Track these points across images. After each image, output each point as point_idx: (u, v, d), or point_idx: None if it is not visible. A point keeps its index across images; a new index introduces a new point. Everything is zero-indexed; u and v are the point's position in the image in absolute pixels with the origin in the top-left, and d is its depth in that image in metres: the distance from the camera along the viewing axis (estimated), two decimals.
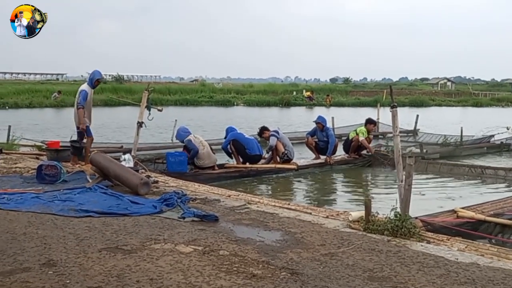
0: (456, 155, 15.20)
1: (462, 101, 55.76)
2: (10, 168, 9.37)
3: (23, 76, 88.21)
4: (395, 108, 6.41)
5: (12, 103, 38.11)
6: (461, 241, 5.40)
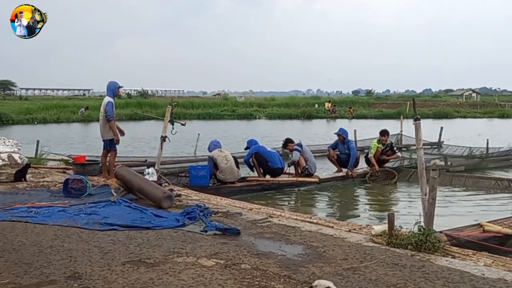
0: (482, 168, 14.93)
1: (488, 112, 54.86)
2: (38, 182, 9.58)
3: (51, 92, 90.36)
4: (418, 120, 6.37)
5: (41, 118, 39.00)
6: (487, 256, 5.30)
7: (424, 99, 74.02)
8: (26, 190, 8.74)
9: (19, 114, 39.04)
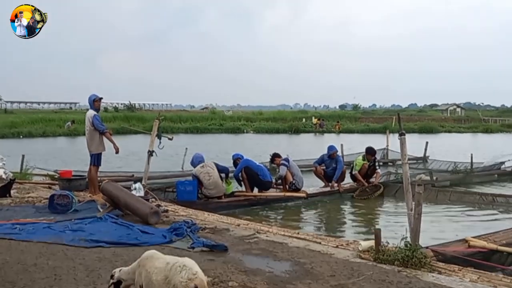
0: (467, 183, 15.08)
1: (472, 127, 55.46)
2: (23, 198, 9.47)
3: (37, 106, 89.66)
4: (403, 136, 6.43)
5: (26, 132, 38.60)
6: (473, 272, 5.34)
7: (410, 113, 74.81)
8: (11, 206, 8.64)
9: (4, 127, 38.60)
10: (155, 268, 3.52)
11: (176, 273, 3.36)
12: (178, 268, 3.38)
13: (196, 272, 3.37)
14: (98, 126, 9.90)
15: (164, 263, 3.52)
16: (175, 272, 3.37)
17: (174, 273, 3.38)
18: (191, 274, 3.33)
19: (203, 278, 3.39)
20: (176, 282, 3.32)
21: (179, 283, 3.30)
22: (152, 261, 3.60)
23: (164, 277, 3.42)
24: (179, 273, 3.34)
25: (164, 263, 3.52)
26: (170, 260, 3.54)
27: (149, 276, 3.52)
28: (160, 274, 3.45)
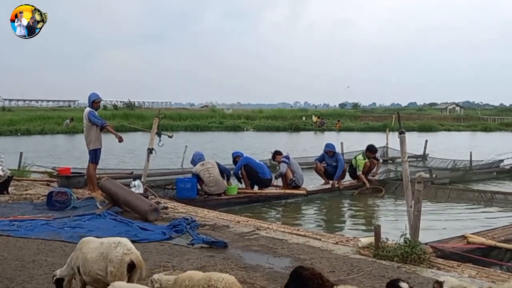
0: (466, 180, 15.08)
1: (471, 126, 55.46)
2: (20, 195, 9.45)
3: (36, 103, 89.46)
4: (403, 134, 6.43)
5: (24, 129, 38.53)
6: (471, 268, 5.35)
7: (409, 112, 74.75)
8: (9, 203, 8.62)
9: (2, 125, 38.50)
10: (90, 248, 3.76)
11: (112, 249, 3.62)
12: (113, 245, 3.65)
13: (130, 248, 3.67)
14: (95, 121, 9.89)
15: (99, 243, 3.78)
16: (110, 249, 3.63)
17: (109, 249, 3.63)
18: (126, 250, 3.62)
19: (137, 253, 3.69)
20: (112, 257, 3.57)
21: (115, 257, 3.57)
22: (88, 244, 3.83)
23: (99, 254, 3.66)
24: (115, 249, 3.61)
25: (99, 243, 3.78)
26: (104, 240, 3.80)
27: (85, 256, 3.74)
28: (95, 252, 3.70)
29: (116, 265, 3.57)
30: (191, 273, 3.64)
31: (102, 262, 3.63)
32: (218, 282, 3.37)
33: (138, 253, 3.70)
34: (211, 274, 3.54)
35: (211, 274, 3.53)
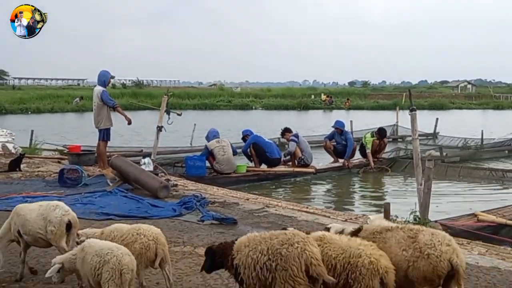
0: (477, 159, 15.00)
1: (483, 104, 54.87)
2: (32, 172, 9.56)
3: (45, 82, 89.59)
4: (414, 111, 6.39)
5: (34, 108, 38.75)
6: (481, 245, 5.35)
7: (420, 90, 73.98)
8: (21, 180, 8.72)
9: (12, 103, 38.75)
10: (29, 210, 4.13)
11: (51, 211, 4.03)
12: (52, 207, 4.07)
13: (68, 210, 4.10)
14: (108, 102, 9.87)
15: (37, 205, 4.17)
16: (49, 210, 4.04)
17: (48, 211, 4.04)
18: (64, 211, 4.05)
19: (74, 214, 4.12)
20: (52, 218, 3.99)
21: (54, 218, 3.98)
22: (24, 208, 4.18)
23: (39, 215, 4.03)
24: (53, 211, 4.03)
25: (37, 206, 4.17)
26: (42, 203, 4.22)
27: (24, 217, 4.07)
28: (34, 213, 4.06)
29: (56, 225, 3.98)
30: (118, 225, 3.95)
31: (41, 222, 4.01)
32: (146, 231, 3.70)
33: (74, 214, 4.12)
34: (139, 225, 3.86)
35: (139, 225, 3.85)
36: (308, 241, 3.04)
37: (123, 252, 3.33)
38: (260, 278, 3.04)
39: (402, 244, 3.14)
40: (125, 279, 3.24)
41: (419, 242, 3.10)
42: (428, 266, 3.03)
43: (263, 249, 3.07)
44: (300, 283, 2.92)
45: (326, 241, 3.16)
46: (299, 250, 2.97)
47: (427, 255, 3.04)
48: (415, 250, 3.09)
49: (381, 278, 2.99)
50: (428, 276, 3.05)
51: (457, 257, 3.05)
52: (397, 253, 3.13)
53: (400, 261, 3.10)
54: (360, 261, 3.00)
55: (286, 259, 2.96)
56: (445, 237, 3.18)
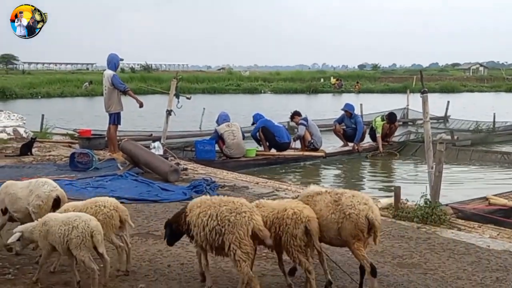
0: (489, 142, 14.89)
1: (495, 86, 54.25)
2: (44, 156, 9.63)
3: (54, 66, 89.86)
4: (425, 93, 6.32)
5: (44, 92, 38.93)
6: (493, 228, 5.34)
7: (431, 73, 73.19)
8: (33, 164, 8.79)
9: (23, 88, 38.93)
10: (18, 187, 4.30)
11: (40, 187, 4.23)
12: (40, 184, 4.27)
13: (56, 186, 4.30)
14: (119, 86, 9.84)
15: (27, 183, 4.37)
16: (38, 186, 4.23)
17: (37, 187, 4.23)
18: (52, 187, 4.25)
19: (62, 190, 4.32)
20: (40, 193, 4.16)
21: (42, 193, 4.16)
22: (12, 186, 4.36)
23: (28, 191, 4.21)
24: (42, 187, 4.22)
25: (26, 183, 4.36)
26: (32, 180, 4.41)
27: (13, 194, 4.25)
28: (24, 190, 4.23)
29: (44, 200, 4.15)
30: (71, 203, 4.17)
31: (30, 197, 4.18)
32: (105, 202, 3.91)
33: (62, 190, 4.34)
34: (94, 198, 4.08)
35: (95, 199, 4.07)
36: (253, 211, 3.46)
37: (89, 217, 3.60)
38: (207, 239, 3.47)
39: (330, 208, 3.55)
40: (96, 239, 3.51)
41: (342, 205, 3.51)
42: (351, 224, 3.45)
43: (212, 214, 3.46)
44: (246, 244, 3.35)
45: (261, 205, 3.67)
46: (246, 219, 3.37)
47: (349, 214, 3.46)
48: (340, 212, 3.50)
49: (305, 226, 3.42)
50: (353, 232, 3.46)
51: (372, 213, 3.47)
52: (327, 216, 3.54)
53: (330, 223, 3.52)
54: (286, 214, 3.47)
55: (233, 225, 3.37)
56: (363, 198, 3.59)
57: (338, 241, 3.60)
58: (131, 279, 3.83)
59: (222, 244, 3.41)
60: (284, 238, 3.47)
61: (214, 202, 3.56)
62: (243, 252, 3.35)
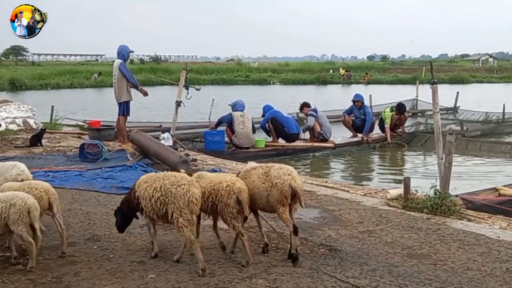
0: (498, 133, 14.78)
1: (505, 77, 53.69)
2: (53, 147, 9.69)
3: (64, 58, 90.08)
4: (435, 84, 6.28)
5: (54, 84, 39.13)
6: (503, 219, 5.30)
7: (440, 64, 72.60)
8: (43, 155, 8.86)
9: (32, 79, 39.16)
10: None
11: (8, 170, 4.54)
12: (10, 167, 4.57)
13: (23, 169, 4.58)
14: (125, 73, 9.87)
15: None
16: (7, 169, 4.54)
17: (6, 170, 4.54)
18: (19, 171, 4.53)
19: (29, 174, 4.61)
20: (7, 176, 4.47)
21: (9, 176, 4.46)
22: None
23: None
24: (11, 170, 4.52)
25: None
26: (1, 164, 4.73)
27: None
28: None
29: None
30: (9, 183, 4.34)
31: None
32: (37, 185, 4.18)
33: (29, 173, 4.63)
34: (29, 181, 4.36)
35: (29, 181, 4.34)
36: (192, 184, 3.95)
37: (26, 195, 3.89)
38: (154, 208, 3.96)
39: (261, 179, 4.11)
40: (33, 215, 3.80)
41: (270, 176, 4.07)
42: (277, 191, 4.01)
43: (157, 187, 3.96)
44: (186, 213, 3.84)
45: (201, 177, 4.17)
46: (184, 190, 3.87)
47: (276, 183, 4.02)
48: (269, 182, 4.05)
49: (237, 197, 3.93)
50: (279, 198, 4.02)
51: (295, 182, 4.03)
52: (259, 186, 4.10)
53: (262, 191, 4.08)
54: (221, 186, 4.00)
55: (174, 196, 3.87)
56: (288, 169, 4.15)
57: (268, 207, 4.16)
58: (141, 270, 3.86)
59: (166, 213, 3.91)
60: (220, 207, 3.98)
61: (159, 177, 4.06)
62: (184, 219, 3.84)
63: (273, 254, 4.15)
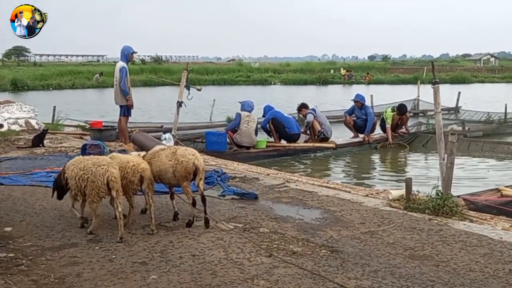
0: (500, 133, 14.77)
1: (507, 77, 53.64)
2: (55, 148, 9.69)
3: (65, 58, 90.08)
4: (437, 84, 6.27)
5: (56, 84, 39.18)
6: (505, 220, 5.28)
7: (441, 64, 72.48)
8: (45, 156, 8.85)
9: (34, 80, 39.20)
10: None
11: None
12: None
13: None
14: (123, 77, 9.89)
15: None
16: None
17: None
18: None
19: None
20: None
21: None
22: None
23: None
24: None
25: None
26: None
27: None
28: None
29: None
30: None
31: None
32: None
33: None
34: None
35: None
36: (111, 165, 4.54)
37: None
38: (77, 186, 4.55)
39: (168, 157, 4.83)
40: None
41: (177, 155, 4.80)
42: (182, 168, 4.74)
43: (81, 167, 4.56)
44: (102, 191, 4.46)
45: (113, 157, 4.83)
46: (103, 170, 4.46)
47: (181, 162, 4.74)
48: (175, 160, 4.77)
49: (141, 175, 4.63)
50: (183, 174, 4.75)
51: (197, 161, 4.78)
52: (166, 163, 4.81)
53: (168, 168, 4.79)
54: (128, 165, 4.68)
55: (94, 175, 4.46)
56: (192, 151, 4.94)
57: (174, 181, 4.86)
58: (143, 271, 3.85)
59: (85, 189, 4.50)
60: (124, 182, 4.62)
61: (84, 159, 4.69)
62: (96, 195, 4.46)
63: (274, 256, 4.14)
